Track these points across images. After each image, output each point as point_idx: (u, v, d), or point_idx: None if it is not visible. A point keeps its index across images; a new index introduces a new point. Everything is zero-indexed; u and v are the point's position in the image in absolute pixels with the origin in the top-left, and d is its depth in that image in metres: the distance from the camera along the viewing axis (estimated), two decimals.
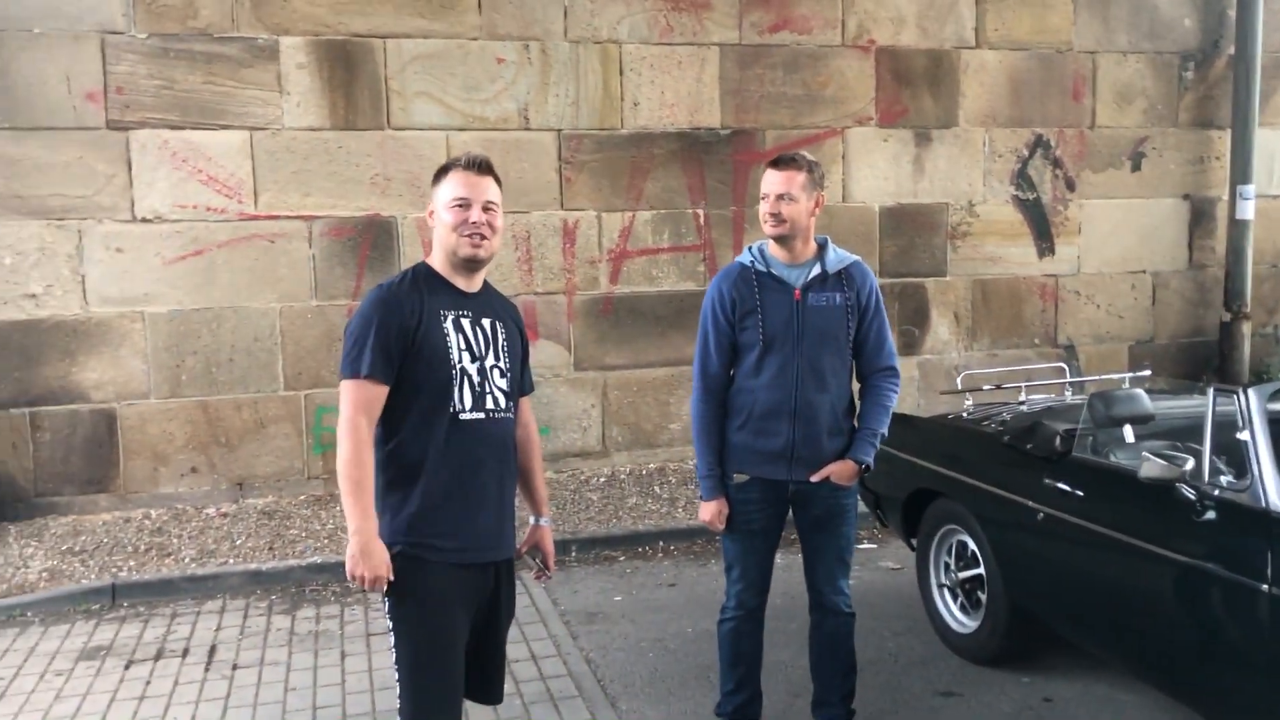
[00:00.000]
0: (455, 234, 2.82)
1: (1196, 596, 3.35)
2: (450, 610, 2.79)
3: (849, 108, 7.63)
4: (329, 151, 6.76)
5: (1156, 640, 3.58)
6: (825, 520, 3.61)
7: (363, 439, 2.71)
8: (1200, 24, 8.34)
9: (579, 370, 7.36)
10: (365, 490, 2.70)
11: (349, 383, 2.75)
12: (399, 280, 2.86)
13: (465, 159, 2.89)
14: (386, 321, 2.74)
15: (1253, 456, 3.25)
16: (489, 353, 2.88)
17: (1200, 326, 8.59)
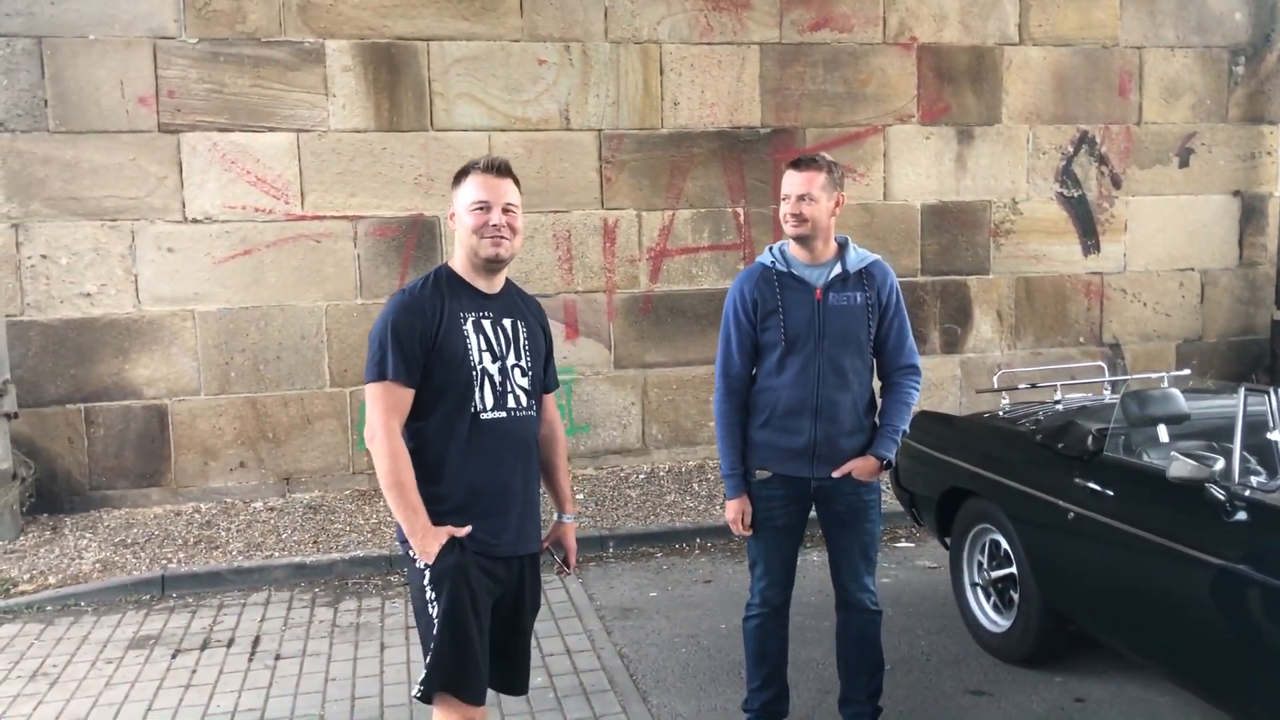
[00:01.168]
0: (476, 236, 2.87)
1: (1226, 598, 3.32)
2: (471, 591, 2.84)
3: (890, 105, 7.62)
4: (373, 152, 6.89)
5: (1187, 642, 3.56)
6: (848, 517, 3.63)
7: (397, 443, 2.78)
8: (1251, 17, 8.21)
9: (619, 368, 7.43)
10: (409, 489, 2.78)
11: (377, 386, 2.80)
12: (420, 284, 2.90)
13: (484, 161, 2.94)
14: (409, 325, 2.80)
15: None
16: (510, 352, 2.93)
17: (1251, 325, 8.46)
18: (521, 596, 3.00)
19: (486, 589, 2.88)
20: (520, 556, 2.98)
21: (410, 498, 2.78)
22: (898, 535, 6.26)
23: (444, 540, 2.79)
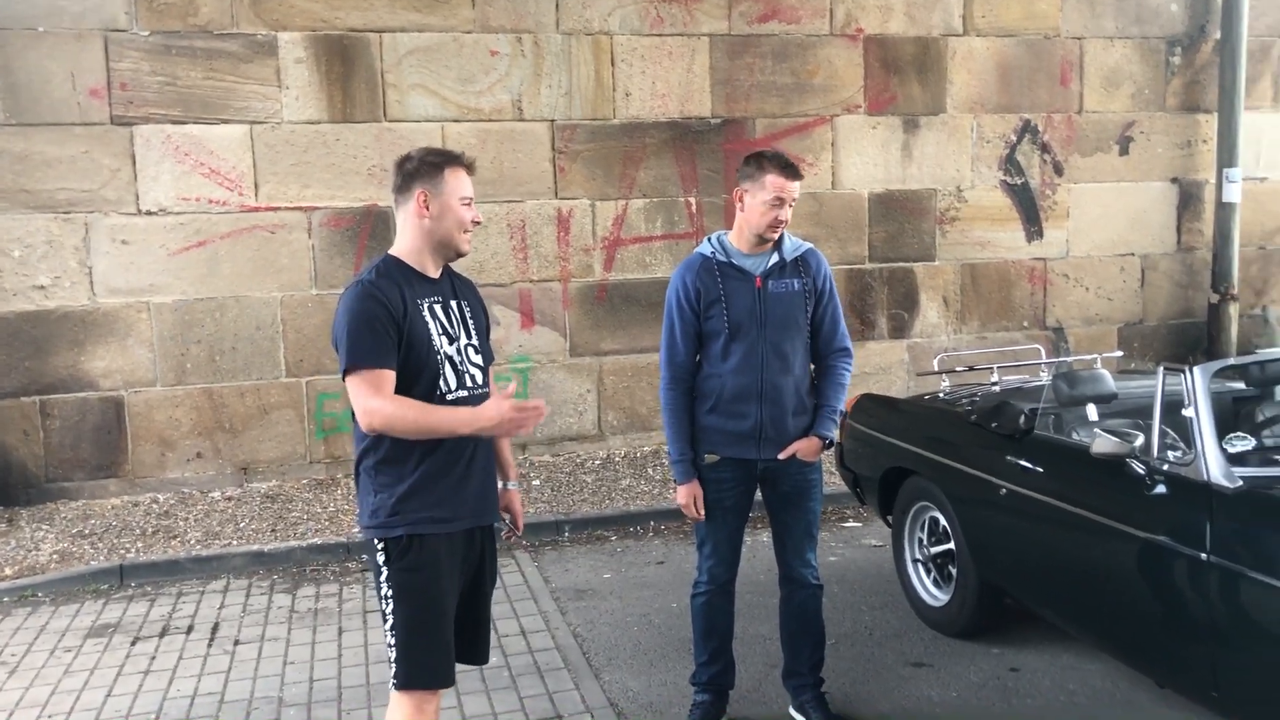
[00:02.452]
0: (459, 230, 2.96)
1: (1146, 567, 3.49)
2: (443, 579, 2.94)
3: (838, 96, 7.76)
4: (327, 144, 6.94)
5: (1112, 610, 3.73)
6: (794, 496, 3.76)
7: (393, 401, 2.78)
8: (1186, 9, 8.44)
9: (575, 356, 7.53)
10: (429, 411, 2.80)
11: (361, 374, 2.79)
12: (374, 274, 2.91)
13: (466, 158, 3.02)
14: (376, 313, 2.81)
15: (1196, 432, 3.39)
16: (462, 332, 3.02)
17: (1189, 308, 8.71)
18: (483, 566, 3.11)
19: (455, 568, 2.98)
20: (482, 527, 3.09)
21: (437, 415, 2.81)
22: (845, 515, 6.43)
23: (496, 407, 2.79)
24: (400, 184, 2.98)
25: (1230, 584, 3.13)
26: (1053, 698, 4.08)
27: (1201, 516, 3.26)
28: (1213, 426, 3.38)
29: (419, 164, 2.97)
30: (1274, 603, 3.00)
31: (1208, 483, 3.30)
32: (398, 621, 2.89)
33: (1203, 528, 3.23)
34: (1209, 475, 3.31)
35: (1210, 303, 8.58)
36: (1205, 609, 3.23)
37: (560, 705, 4.16)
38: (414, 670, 2.90)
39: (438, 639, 2.93)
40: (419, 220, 2.95)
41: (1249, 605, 3.10)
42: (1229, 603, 3.15)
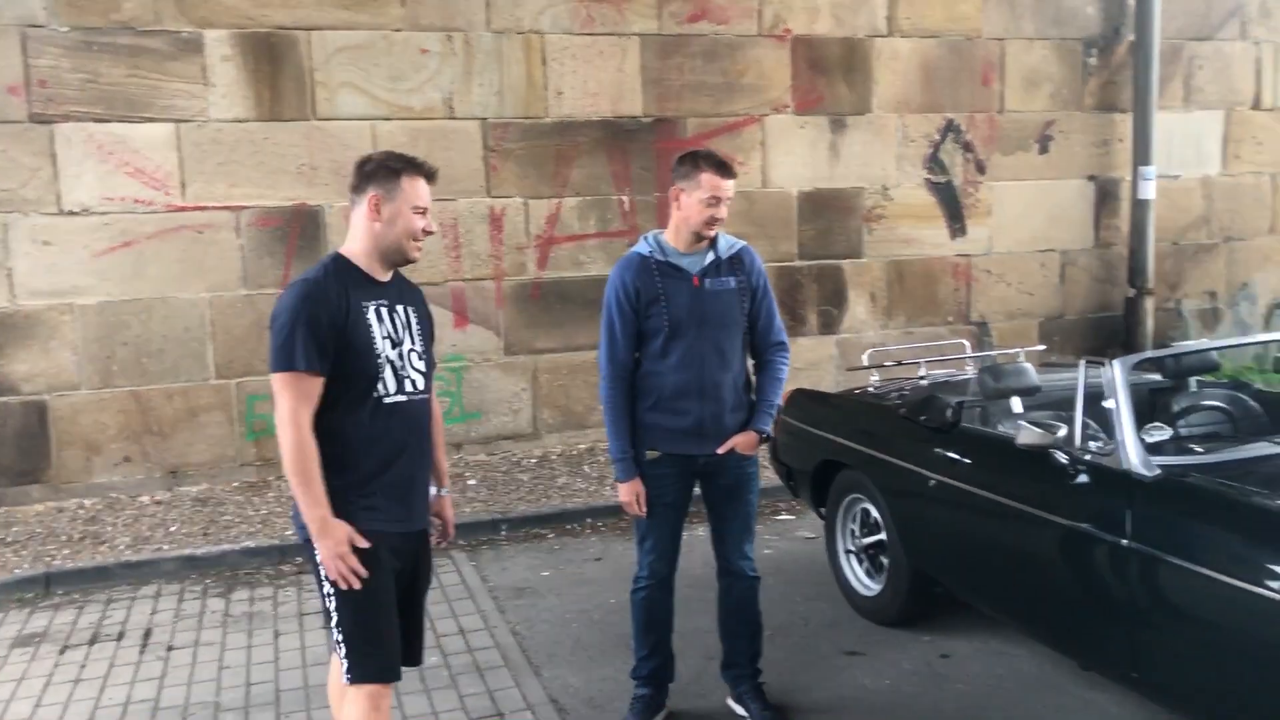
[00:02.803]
0: (409, 238, 2.95)
1: (1070, 554, 3.62)
2: (385, 575, 2.96)
3: (767, 96, 7.86)
4: (255, 142, 6.85)
5: (1037, 596, 3.86)
6: (732, 490, 3.83)
7: (305, 432, 2.80)
8: (1102, 11, 8.69)
9: (509, 355, 7.54)
10: (314, 479, 2.80)
11: (286, 375, 2.79)
12: (320, 273, 2.91)
13: (427, 166, 3.00)
14: (316, 313, 2.80)
15: (1116, 423, 3.52)
16: (405, 337, 3.02)
17: (1107, 302, 8.98)
18: (419, 570, 3.14)
19: (393, 569, 3.00)
20: (418, 532, 3.11)
21: (315, 490, 2.80)
22: (778, 508, 6.52)
23: (347, 532, 2.83)
24: (356, 184, 2.97)
25: (1148, 568, 3.26)
26: (982, 682, 4.20)
27: (1121, 504, 3.39)
28: (1132, 417, 3.52)
29: (377, 167, 2.95)
30: (1189, 585, 3.13)
31: (1127, 471, 3.43)
32: (342, 618, 2.89)
33: (1123, 515, 3.36)
34: (1128, 464, 3.44)
35: (1127, 297, 8.86)
36: (1125, 593, 3.36)
37: (501, 703, 4.18)
38: (364, 664, 2.91)
39: (384, 633, 2.94)
40: (370, 224, 2.95)
41: (1166, 588, 3.23)
42: (1147, 586, 3.28)
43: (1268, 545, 3.01)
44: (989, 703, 4.04)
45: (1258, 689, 2.95)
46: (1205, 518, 3.23)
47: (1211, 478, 3.35)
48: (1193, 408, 4.20)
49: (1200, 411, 4.19)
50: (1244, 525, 3.13)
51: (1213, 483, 3.32)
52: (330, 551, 2.82)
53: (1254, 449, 3.59)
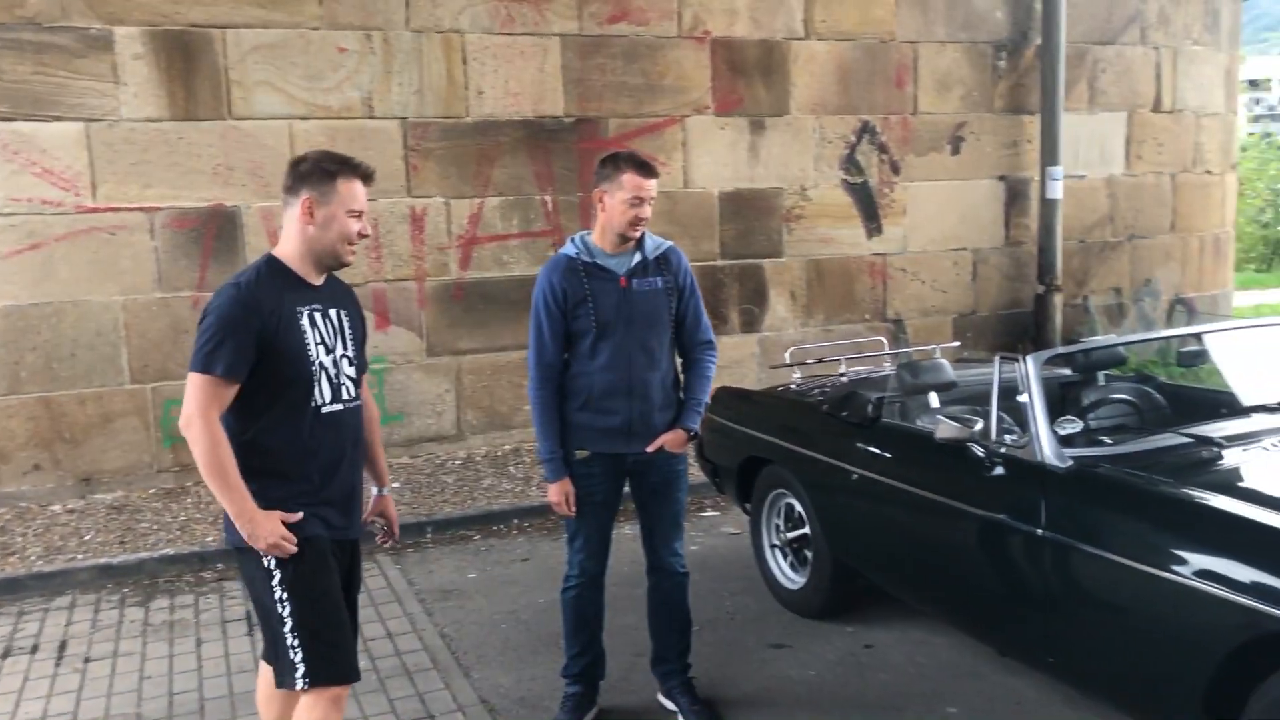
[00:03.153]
0: (343, 242, 2.91)
1: (987, 544, 3.74)
2: (334, 574, 2.95)
3: (687, 97, 7.93)
4: (169, 142, 6.72)
5: (957, 585, 3.98)
6: (661, 487, 3.88)
7: (216, 429, 2.75)
8: (1010, 16, 8.94)
9: (432, 356, 7.50)
10: (231, 471, 2.76)
11: (202, 378, 2.75)
12: (254, 277, 2.86)
13: (363, 167, 2.94)
14: (246, 322, 2.76)
15: (1030, 416, 3.65)
16: (338, 342, 2.99)
17: (1017, 299, 9.24)
18: (351, 577, 3.13)
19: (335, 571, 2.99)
20: (352, 540, 3.10)
21: (232, 479, 2.75)
22: (704, 505, 6.60)
23: (276, 524, 2.80)
24: (289, 185, 2.91)
25: (1062, 556, 3.39)
26: (904, 671, 4.31)
27: (1036, 495, 3.51)
28: (1045, 411, 3.64)
29: (312, 168, 2.89)
30: (1101, 572, 3.26)
31: (1041, 463, 3.56)
32: (297, 622, 2.85)
33: (1037, 505, 3.48)
34: (1042, 456, 3.56)
35: (1036, 294, 9.13)
36: (1040, 581, 3.48)
37: (431, 705, 4.17)
38: (322, 665, 2.88)
39: (340, 633, 2.92)
40: (303, 227, 2.90)
41: (1079, 575, 3.36)
42: (1061, 574, 3.40)
43: (1174, 532, 3.15)
44: (911, 690, 4.14)
45: (1166, 670, 3.09)
46: (1115, 507, 3.36)
47: (1120, 468, 3.49)
48: (1102, 401, 4.36)
49: (1109, 404, 4.35)
50: (1151, 513, 3.27)
51: (1122, 473, 3.45)
52: (266, 539, 2.78)
53: (1160, 440, 3.74)
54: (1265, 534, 2.95)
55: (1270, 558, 2.87)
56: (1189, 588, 2.97)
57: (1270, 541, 2.92)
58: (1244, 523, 3.04)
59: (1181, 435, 3.73)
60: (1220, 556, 2.96)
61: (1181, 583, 2.99)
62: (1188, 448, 3.63)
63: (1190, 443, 3.65)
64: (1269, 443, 3.65)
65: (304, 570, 2.86)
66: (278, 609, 2.86)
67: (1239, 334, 4.54)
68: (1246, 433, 3.74)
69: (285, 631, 2.86)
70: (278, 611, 2.87)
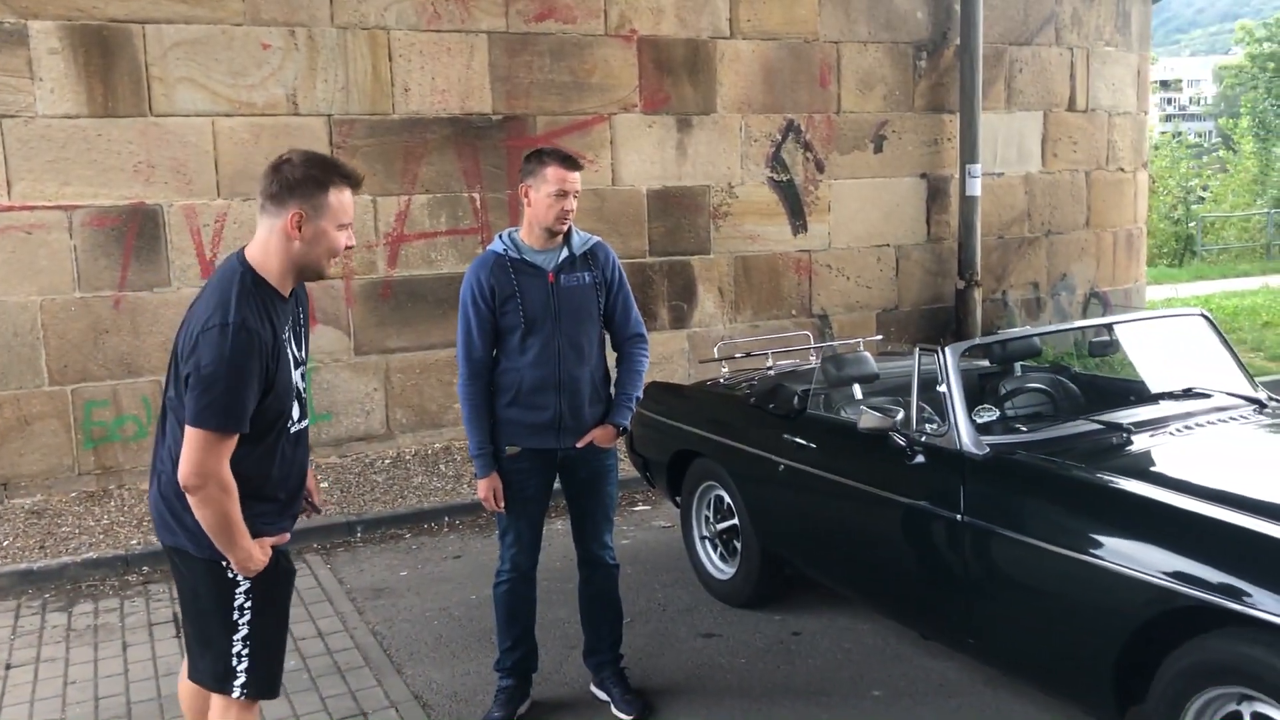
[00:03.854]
0: (329, 258, 2.75)
1: (909, 530, 3.84)
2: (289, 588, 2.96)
3: (615, 95, 7.98)
4: (88, 139, 6.59)
5: (881, 571, 4.09)
6: (591, 481, 3.92)
7: (231, 488, 2.64)
8: (930, 16, 9.13)
9: (360, 355, 7.45)
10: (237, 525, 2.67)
11: (213, 435, 2.57)
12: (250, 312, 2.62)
13: (356, 175, 2.74)
14: (254, 370, 2.60)
15: (949, 405, 3.76)
16: (303, 352, 2.92)
17: (939, 294, 9.44)
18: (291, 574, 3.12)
19: None
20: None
21: (237, 532, 2.68)
22: (635, 500, 6.66)
23: (269, 554, 2.78)
24: (274, 192, 2.66)
25: (980, 541, 3.50)
26: (831, 656, 4.41)
27: (955, 481, 3.63)
28: (963, 400, 3.76)
29: (303, 176, 2.65)
30: (1018, 555, 3.38)
31: (960, 451, 3.67)
32: (254, 633, 2.81)
33: (957, 491, 3.60)
34: (961, 444, 3.68)
35: (957, 289, 9.34)
36: (960, 565, 3.60)
37: (364, 702, 4.17)
38: (265, 679, 2.87)
39: (282, 652, 2.93)
40: (288, 240, 2.67)
41: (997, 558, 3.47)
42: (980, 557, 3.52)
43: (1085, 514, 3.28)
44: (837, 675, 4.24)
45: (1079, 648, 3.21)
46: (1030, 491, 3.49)
47: (1035, 454, 3.62)
48: (1018, 390, 4.50)
49: (1025, 394, 4.49)
50: (1064, 497, 3.40)
51: (1036, 459, 3.59)
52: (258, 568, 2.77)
53: (1073, 426, 3.88)
54: (1171, 515, 3.09)
55: (1175, 537, 3.01)
56: (1099, 567, 3.10)
57: (1176, 522, 3.06)
58: (1151, 504, 3.18)
59: (1093, 422, 3.88)
60: (1129, 537, 3.09)
61: (1092, 563, 3.12)
62: (1099, 434, 3.78)
63: (1101, 429, 3.81)
64: (1175, 428, 3.81)
65: (269, 585, 2.84)
66: (233, 615, 2.80)
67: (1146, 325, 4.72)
68: (1154, 419, 3.90)
69: (235, 639, 2.81)
70: (232, 619, 2.80)
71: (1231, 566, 2.84)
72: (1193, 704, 2.94)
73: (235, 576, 2.80)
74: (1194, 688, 2.92)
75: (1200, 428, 3.82)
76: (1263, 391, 4.19)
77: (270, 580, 2.84)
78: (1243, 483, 3.27)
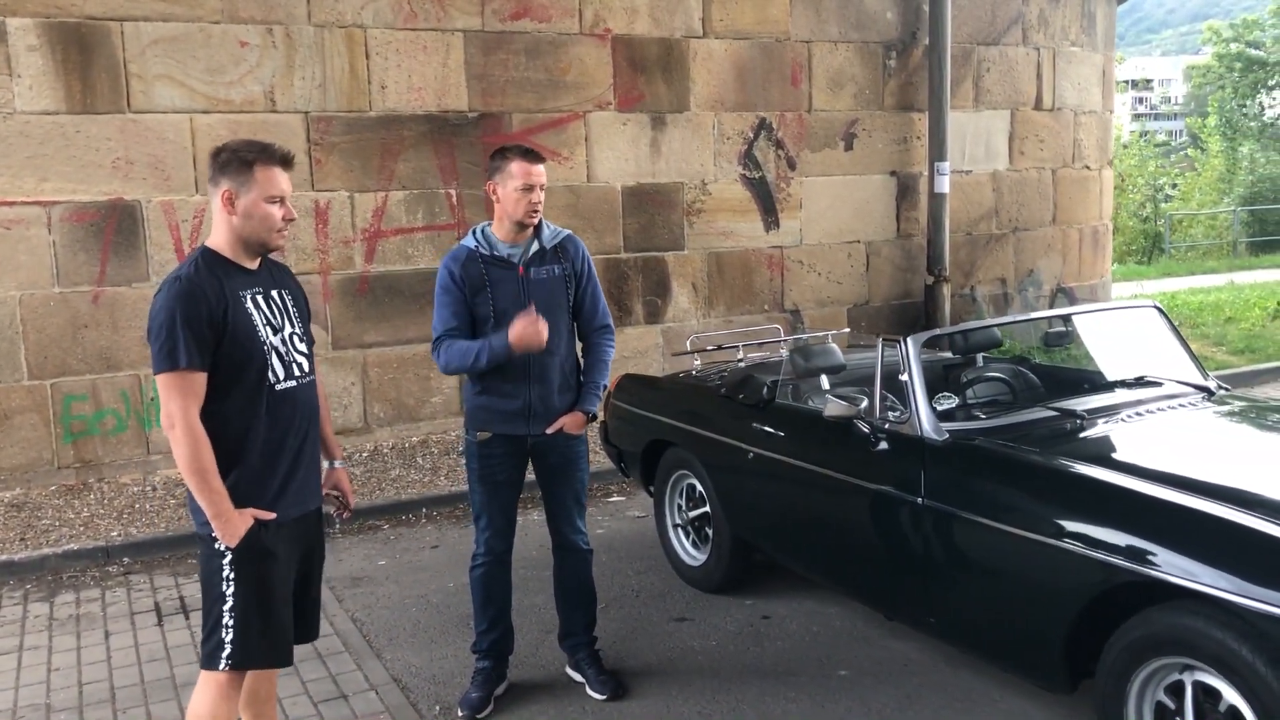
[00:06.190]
0: (267, 230, 2.95)
1: (873, 514, 3.98)
2: (282, 565, 3.03)
3: (589, 93, 8.09)
4: (66, 136, 6.65)
5: (847, 555, 4.22)
6: (561, 467, 4.04)
7: (198, 429, 2.82)
8: (900, 17, 9.28)
9: (337, 349, 7.53)
10: (211, 473, 2.84)
11: (171, 375, 2.80)
12: (192, 270, 2.89)
13: (281, 152, 2.98)
14: (194, 310, 2.81)
15: (910, 393, 3.90)
16: (285, 321, 3.06)
17: (908, 290, 9.60)
18: (313, 549, 3.22)
19: (292, 553, 3.08)
20: (314, 510, 3.19)
21: (213, 482, 2.84)
22: (610, 491, 6.78)
23: (250, 524, 2.90)
24: (211, 175, 2.95)
25: (941, 523, 3.64)
26: (799, 639, 4.54)
27: (917, 466, 3.76)
28: (924, 388, 3.90)
29: (230, 158, 2.93)
30: (975, 536, 3.52)
31: (921, 437, 3.81)
32: (238, 604, 2.93)
33: (918, 476, 3.73)
34: (922, 430, 3.82)
35: (926, 284, 9.50)
36: (922, 546, 3.74)
37: (344, 685, 4.27)
38: (250, 649, 2.97)
39: (275, 621, 3.01)
40: (227, 217, 2.95)
41: (957, 540, 3.61)
42: (940, 539, 3.66)
43: (1039, 496, 3.43)
44: (806, 656, 4.38)
45: (1032, 624, 3.35)
46: (987, 475, 3.63)
47: (993, 440, 3.76)
48: (978, 379, 4.64)
49: (985, 383, 4.63)
50: (1019, 480, 3.54)
51: (994, 444, 3.73)
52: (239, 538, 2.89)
53: (1030, 413, 4.03)
54: (1119, 495, 3.24)
55: (1122, 517, 3.16)
56: (1051, 546, 3.25)
57: (1122, 502, 3.21)
58: (1101, 486, 3.32)
59: (1049, 409, 4.03)
60: (1079, 518, 3.24)
61: (1045, 542, 3.27)
62: (1054, 420, 3.93)
63: (1057, 416, 3.96)
64: (1127, 414, 3.97)
65: (251, 557, 2.94)
66: (221, 586, 2.94)
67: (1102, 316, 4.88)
68: (1108, 406, 4.06)
69: (224, 609, 2.94)
70: (220, 589, 2.94)
71: (1174, 543, 2.99)
72: (1139, 675, 3.08)
73: (221, 548, 2.92)
74: (1140, 660, 3.07)
75: (1151, 414, 3.98)
76: (1212, 380, 4.35)
77: (253, 553, 2.94)
78: (1188, 466, 3.43)
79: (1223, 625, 2.82)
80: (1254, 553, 2.86)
